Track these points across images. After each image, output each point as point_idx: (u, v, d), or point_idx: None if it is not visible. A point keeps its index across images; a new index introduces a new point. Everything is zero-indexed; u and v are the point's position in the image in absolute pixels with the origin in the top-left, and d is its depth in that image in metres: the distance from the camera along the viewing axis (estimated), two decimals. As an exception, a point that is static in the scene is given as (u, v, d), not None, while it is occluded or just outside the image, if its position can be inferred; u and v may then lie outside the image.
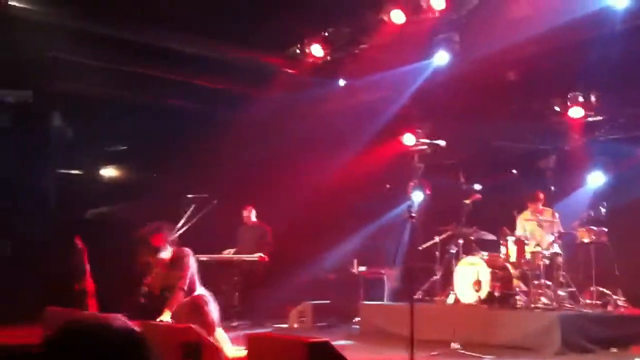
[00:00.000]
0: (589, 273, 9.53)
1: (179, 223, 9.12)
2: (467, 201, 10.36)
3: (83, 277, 8.91)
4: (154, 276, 7.21)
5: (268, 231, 11.53)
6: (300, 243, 11.79)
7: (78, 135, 11.95)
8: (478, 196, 10.44)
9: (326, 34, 10.92)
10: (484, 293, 9.17)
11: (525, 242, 9.57)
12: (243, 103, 12.10)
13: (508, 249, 9.62)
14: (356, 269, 11.54)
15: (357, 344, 9.05)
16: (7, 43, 9.96)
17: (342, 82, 12.40)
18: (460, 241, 10.18)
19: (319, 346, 5.22)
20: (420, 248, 10.36)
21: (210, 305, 7.27)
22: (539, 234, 9.97)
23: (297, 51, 11.27)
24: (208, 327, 6.89)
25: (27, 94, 10.89)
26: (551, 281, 9.26)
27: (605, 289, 9.40)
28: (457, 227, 10.26)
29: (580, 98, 10.91)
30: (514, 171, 10.80)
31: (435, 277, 10.37)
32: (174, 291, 6.99)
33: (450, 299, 9.73)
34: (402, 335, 7.55)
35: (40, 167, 11.77)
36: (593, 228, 9.66)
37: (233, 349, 6.89)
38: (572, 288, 9.42)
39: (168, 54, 10.82)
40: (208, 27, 10.16)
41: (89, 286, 8.89)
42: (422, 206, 11.63)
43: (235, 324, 10.12)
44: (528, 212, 10.24)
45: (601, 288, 9.41)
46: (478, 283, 9.18)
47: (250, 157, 12.22)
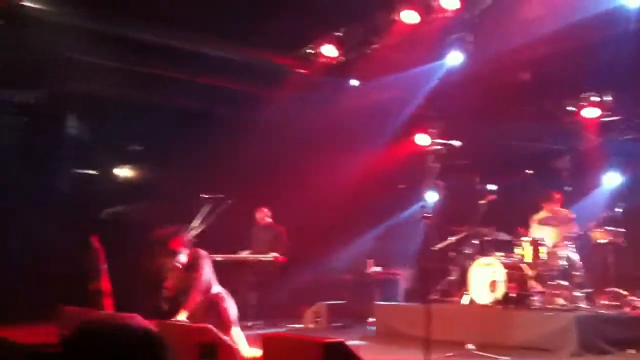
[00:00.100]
0: (606, 274, 9.48)
1: (194, 223, 9.14)
2: (482, 201, 10.32)
3: (99, 277, 8.94)
4: (171, 279, 7.24)
5: (282, 232, 11.53)
6: (314, 243, 11.79)
7: (93, 135, 12.01)
8: (493, 196, 10.40)
9: (338, 34, 10.91)
10: (500, 294, 9.12)
11: (540, 243, 9.52)
12: (257, 104, 12.12)
13: (524, 250, 9.57)
14: (371, 270, 11.53)
15: (372, 345, 9.04)
16: (22, 43, 10.02)
17: (355, 83, 12.38)
18: (475, 242, 10.14)
19: (334, 346, 5.21)
20: (434, 248, 10.32)
21: (226, 302, 7.28)
22: (555, 235, 9.91)
23: (309, 51, 11.27)
24: (224, 325, 6.90)
25: (42, 95, 10.94)
26: (567, 282, 9.21)
27: (621, 290, 9.34)
28: (472, 228, 10.22)
29: (594, 98, 10.85)
30: (529, 171, 10.74)
31: (450, 278, 10.34)
32: (191, 292, 7.02)
33: (465, 300, 9.69)
34: (417, 336, 7.53)
35: (55, 167, 11.85)
36: (609, 229, 9.59)
37: (249, 349, 6.90)
38: (589, 289, 9.35)
39: (181, 55, 10.85)
40: (221, 28, 10.17)
41: (105, 286, 8.92)
42: (437, 207, 11.58)
43: (249, 324, 10.13)
44: (543, 213, 10.19)
45: (617, 289, 9.35)
46: (493, 284, 9.14)
47: (264, 158, 12.23)
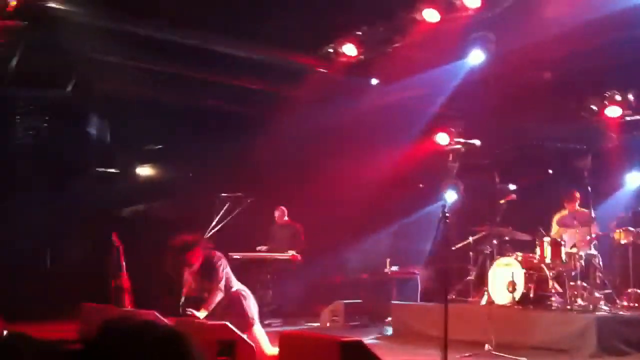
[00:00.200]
0: (627, 275, 9.39)
1: (213, 221, 9.21)
2: (502, 201, 10.26)
3: (119, 274, 9.06)
4: (188, 285, 7.32)
5: (300, 230, 11.56)
6: (332, 242, 11.80)
7: (114, 134, 12.13)
8: (513, 196, 10.33)
9: (359, 33, 10.91)
10: (519, 294, 9.06)
11: (561, 243, 9.45)
12: (276, 103, 12.15)
13: (543, 250, 9.50)
14: (389, 269, 11.52)
15: (389, 344, 9.04)
16: (45, 44, 10.15)
17: (375, 82, 12.37)
18: (494, 241, 10.10)
19: (352, 345, 5.23)
20: (453, 248, 10.29)
21: (247, 300, 7.33)
22: (575, 235, 9.82)
23: (330, 51, 11.27)
24: (245, 324, 6.95)
25: (64, 94, 11.06)
26: (587, 283, 9.13)
27: (642, 291, 9.25)
28: (492, 228, 10.17)
29: (617, 97, 10.74)
30: (550, 171, 10.67)
31: (469, 278, 10.31)
32: (210, 295, 7.08)
33: (483, 300, 9.65)
34: (435, 335, 7.52)
35: (76, 166, 11.98)
36: (631, 229, 9.50)
37: (271, 347, 6.93)
38: (609, 290, 9.27)
39: (202, 54, 10.92)
40: (241, 28, 10.22)
41: (125, 283, 9.03)
42: (456, 206, 11.55)
43: (267, 322, 10.17)
44: (564, 212, 10.11)
45: (638, 290, 9.25)
46: (512, 284, 9.08)
47: (284, 157, 12.27)
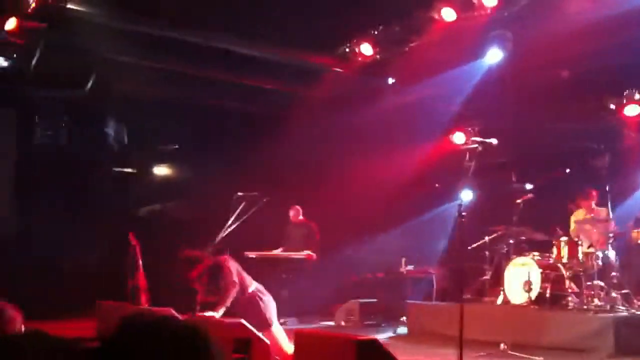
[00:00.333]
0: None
1: (229, 221, 9.23)
2: (519, 200, 10.21)
3: (136, 273, 9.11)
4: (201, 292, 7.39)
5: (315, 229, 11.56)
6: (347, 241, 11.80)
7: (132, 134, 12.21)
8: (530, 195, 10.28)
9: (376, 33, 10.90)
10: (535, 294, 9.02)
11: (578, 243, 9.38)
12: (293, 103, 12.18)
13: (560, 249, 9.44)
14: (404, 268, 11.50)
15: (404, 343, 9.03)
16: (64, 44, 10.23)
17: (392, 81, 12.35)
18: (510, 241, 10.05)
19: (367, 344, 5.23)
20: (469, 248, 10.25)
21: (265, 300, 7.36)
22: (592, 234, 9.75)
23: (347, 50, 11.27)
24: (263, 323, 6.98)
25: (82, 95, 11.15)
26: (604, 282, 9.06)
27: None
28: (508, 227, 10.12)
29: (636, 95, 10.64)
30: (567, 170, 10.59)
31: (484, 277, 10.27)
32: (226, 293, 7.11)
33: (499, 300, 9.61)
34: (450, 335, 7.51)
35: (94, 166, 12.08)
36: (648, 229, 9.42)
37: (291, 345, 6.96)
38: (626, 290, 9.19)
39: (217, 54, 10.96)
40: (257, 28, 10.25)
41: (142, 282, 9.09)
42: (472, 205, 11.50)
43: (282, 321, 10.18)
44: (581, 212, 10.04)
45: (657, 290, 9.19)
46: (528, 283, 9.04)
47: (299, 156, 12.28)
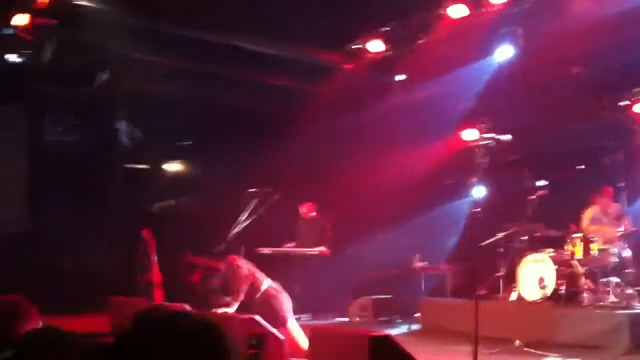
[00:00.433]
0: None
1: (242, 217, 9.25)
2: (532, 197, 10.16)
3: (150, 269, 9.15)
4: (217, 297, 7.44)
5: (327, 226, 11.55)
6: (360, 238, 11.78)
7: (144, 130, 12.25)
8: (543, 192, 10.23)
9: (385, 30, 10.87)
10: (549, 290, 8.98)
11: (592, 239, 9.34)
12: (304, 100, 12.17)
13: (574, 246, 9.40)
14: (418, 265, 11.47)
15: (418, 340, 9.02)
16: (76, 41, 10.28)
17: (401, 78, 12.32)
18: (524, 238, 10.00)
19: (381, 340, 5.24)
20: (483, 244, 10.22)
21: (279, 297, 7.38)
22: (607, 231, 9.70)
23: (356, 47, 11.26)
24: (278, 320, 7.00)
25: (95, 91, 11.20)
26: (619, 279, 9.01)
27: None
28: (522, 224, 10.08)
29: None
30: (581, 167, 10.54)
31: (498, 274, 10.22)
32: (238, 288, 7.15)
33: (513, 296, 9.58)
34: (463, 331, 7.49)
35: (107, 162, 12.13)
36: (663, 225, 9.36)
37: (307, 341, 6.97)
38: (641, 287, 9.15)
39: (227, 51, 10.97)
40: (268, 25, 10.24)
41: (155, 278, 9.12)
42: (485, 202, 11.45)
43: (296, 317, 10.19)
44: (595, 208, 9.99)
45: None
46: (543, 280, 9.00)
47: (310, 153, 12.28)
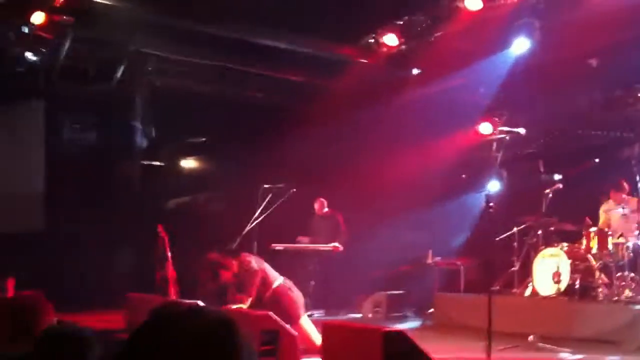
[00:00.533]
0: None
1: (256, 212, 9.29)
2: (547, 191, 10.11)
3: (165, 265, 9.22)
4: (231, 292, 7.50)
5: (341, 221, 11.55)
6: (374, 233, 11.78)
7: (159, 127, 12.31)
8: (558, 186, 10.18)
9: (400, 23, 10.84)
10: (564, 285, 8.93)
11: (608, 233, 9.27)
12: (318, 94, 12.17)
13: (590, 240, 9.34)
14: (431, 260, 11.46)
15: (432, 335, 9.00)
16: (92, 38, 10.34)
17: (417, 71, 12.28)
18: (539, 232, 9.96)
19: (395, 335, 5.25)
20: (497, 239, 10.19)
21: (292, 294, 7.41)
22: (623, 225, 9.62)
23: (371, 41, 11.23)
24: (291, 317, 7.02)
25: (110, 88, 11.26)
26: (635, 273, 8.95)
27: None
28: (537, 218, 10.03)
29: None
30: (596, 160, 10.46)
31: (513, 269, 10.19)
32: (251, 281, 7.20)
33: (528, 291, 9.54)
34: (478, 327, 7.47)
35: (123, 159, 12.21)
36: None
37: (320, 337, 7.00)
38: (657, 281, 9.07)
39: (242, 47, 10.99)
40: (282, 20, 10.25)
41: (170, 274, 9.20)
42: (500, 196, 11.42)
43: (309, 313, 10.22)
44: (611, 202, 9.92)
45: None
46: (558, 275, 8.95)
47: (324, 148, 12.28)
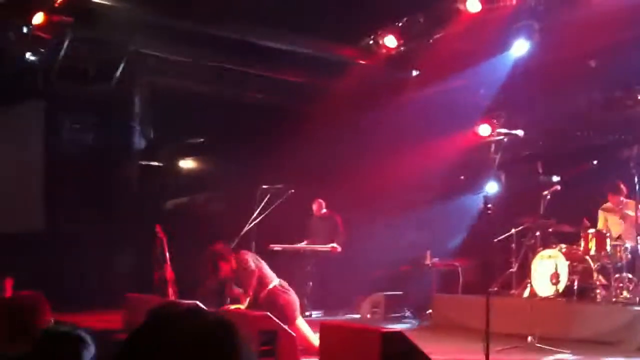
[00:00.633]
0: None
1: (254, 213, 9.28)
2: (545, 192, 10.12)
3: (163, 266, 9.21)
4: (230, 287, 7.52)
5: (339, 221, 11.55)
6: (372, 234, 11.79)
7: (158, 127, 12.31)
8: (557, 187, 10.18)
9: (400, 25, 10.85)
10: (562, 286, 8.94)
11: (606, 235, 9.28)
12: (317, 95, 12.18)
13: (588, 241, 9.35)
14: (430, 261, 11.46)
15: (430, 336, 9.00)
16: (91, 38, 10.33)
17: (416, 73, 12.29)
18: (537, 233, 9.96)
19: (393, 336, 5.26)
20: (495, 240, 10.19)
21: (287, 295, 7.40)
22: (621, 226, 9.64)
23: (371, 42, 11.24)
24: (286, 318, 7.02)
25: (109, 89, 11.25)
26: (633, 275, 8.96)
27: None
28: (535, 219, 10.04)
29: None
30: (594, 162, 10.47)
31: (511, 270, 10.20)
32: (248, 282, 7.21)
33: (526, 292, 9.55)
34: (476, 328, 7.48)
35: (122, 160, 12.21)
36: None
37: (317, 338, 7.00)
38: (656, 282, 9.08)
39: (241, 47, 11.00)
40: (282, 20, 10.26)
41: (169, 274, 9.19)
42: (498, 197, 11.43)
43: (307, 314, 10.22)
44: (609, 204, 9.93)
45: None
46: (556, 276, 8.95)
47: (323, 149, 12.28)
